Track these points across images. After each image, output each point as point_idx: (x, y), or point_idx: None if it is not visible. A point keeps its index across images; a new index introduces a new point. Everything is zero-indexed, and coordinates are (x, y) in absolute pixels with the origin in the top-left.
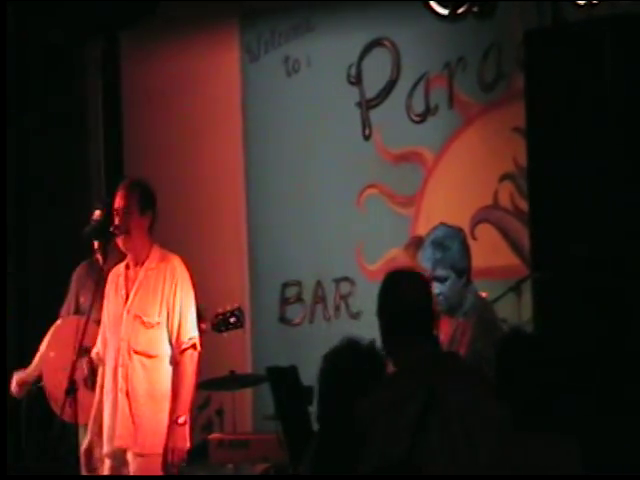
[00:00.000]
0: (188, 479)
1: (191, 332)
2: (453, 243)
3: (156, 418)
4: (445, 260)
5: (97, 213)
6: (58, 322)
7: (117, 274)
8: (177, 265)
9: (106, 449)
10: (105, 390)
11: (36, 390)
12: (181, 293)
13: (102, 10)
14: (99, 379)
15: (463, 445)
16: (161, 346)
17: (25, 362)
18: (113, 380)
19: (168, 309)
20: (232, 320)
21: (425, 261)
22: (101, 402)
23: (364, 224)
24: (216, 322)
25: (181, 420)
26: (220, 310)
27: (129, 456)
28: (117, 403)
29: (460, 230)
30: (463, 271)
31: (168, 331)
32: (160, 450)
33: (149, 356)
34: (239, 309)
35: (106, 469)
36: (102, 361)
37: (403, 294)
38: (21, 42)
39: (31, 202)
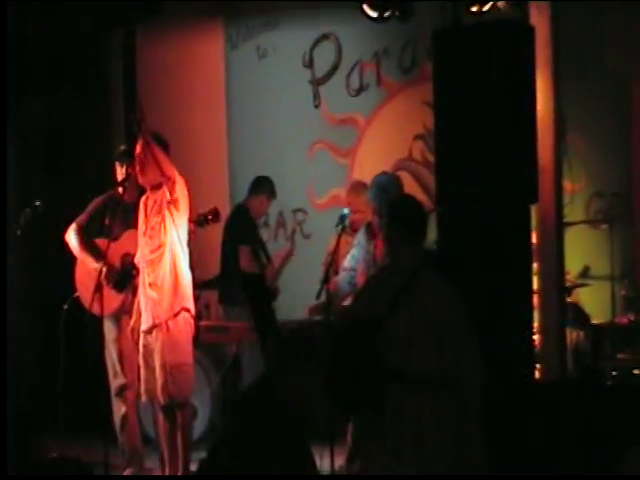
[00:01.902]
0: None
1: (177, 237)
2: (393, 187)
3: (170, 304)
4: (387, 200)
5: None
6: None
7: (143, 201)
8: (179, 181)
9: (143, 327)
10: (139, 288)
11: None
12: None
13: (124, 7)
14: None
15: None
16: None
17: None
18: (143, 280)
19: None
20: (210, 217)
21: (372, 200)
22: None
23: (314, 170)
24: (198, 219)
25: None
26: (201, 211)
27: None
28: (145, 295)
29: (398, 177)
30: None
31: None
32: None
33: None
34: (215, 208)
35: (141, 342)
36: (103, 273)
37: (408, 211)
38: (55, 29)
39: (64, 150)
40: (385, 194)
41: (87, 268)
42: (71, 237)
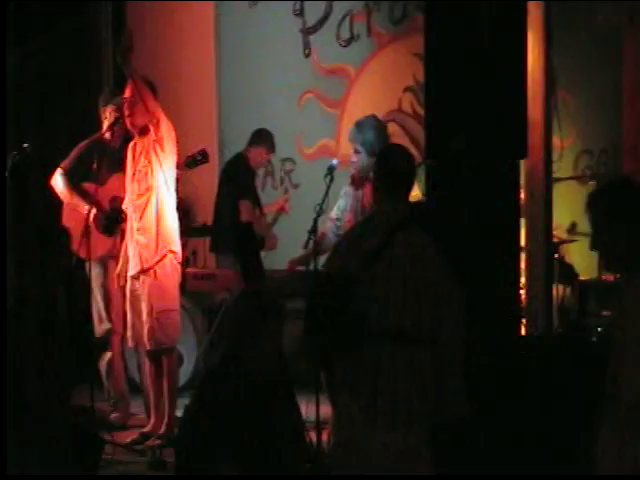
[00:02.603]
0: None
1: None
2: (368, 129)
3: (156, 248)
4: (361, 140)
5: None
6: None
7: (131, 146)
8: (165, 124)
9: (131, 272)
10: (126, 233)
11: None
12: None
13: None
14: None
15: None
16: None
17: None
18: (130, 225)
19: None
20: (199, 158)
21: (349, 138)
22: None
23: (303, 120)
24: (187, 161)
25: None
26: (189, 154)
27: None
28: (134, 239)
29: (379, 120)
30: (374, 152)
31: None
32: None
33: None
34: (204, 150)
35: (128, 288)
36: (93, 216)
37: (393, 161)
38: None
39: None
40: (360, 134)
41: (74, 213)
42: (57, 181)
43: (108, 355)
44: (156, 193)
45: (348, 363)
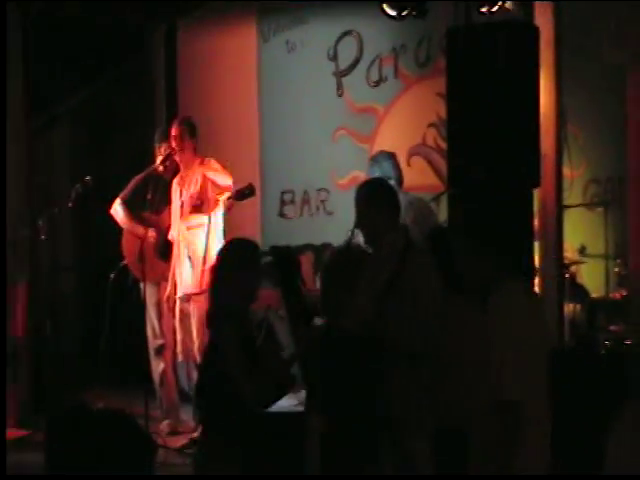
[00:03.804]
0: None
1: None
2: (384, 160)
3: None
4: (379, 171)
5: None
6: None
7: (175, 184)
8: (212, 163)
9: (179, 294)
10: (174, 255)
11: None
12: (214, 175)
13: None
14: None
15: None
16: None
17: None
18: (178, 249)
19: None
20: (247, 192)
21: (368, 172)
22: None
23: (336, 153)
24: (237, 195)
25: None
26: (238, 188)
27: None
28: (182, 263)
29: (391, 154)
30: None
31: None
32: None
33: (200, 225)
34: (251, 184)
35: (177, 307)
36: (154, 238)
37: (385, 193)
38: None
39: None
40: (377, 166)
41: (133, 239)
42: (117, 210)
43: (161, 367)
44: (205, 222)
45: None
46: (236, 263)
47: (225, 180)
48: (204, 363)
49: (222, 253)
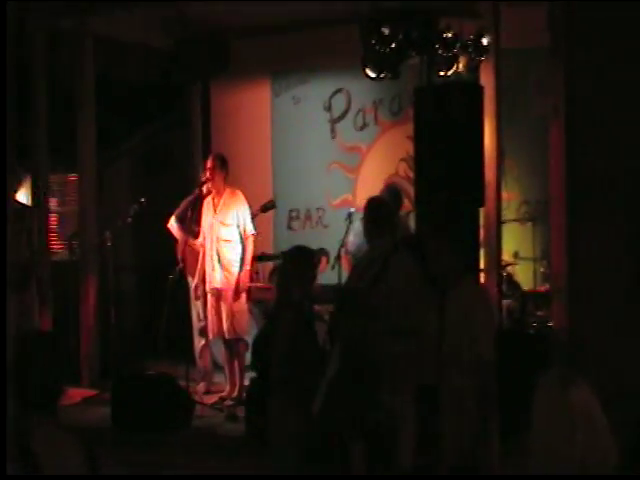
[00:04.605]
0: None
1: (250, 230)
2: (388, 191)
3: (234, 271)
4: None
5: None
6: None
7: (208, 202)
8: (239, 195)
9: (208, 288)
10: (206, 259)
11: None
12: (243, 209)
13: (203, 66)
14: (201, 255)
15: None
16: (234, 236)
17: None
18: (210, 254)
19: (237, 218)
20: (269, 206)
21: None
22: (203, 264)
23: (331, 181)
24: (262, 208)
25: (247, 267)
26: (263, 202)
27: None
28: (214, 265)
29: (395, 186)
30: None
31: (239, 229)
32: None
33: (227, 241)
34: (272, 200)
35: (208, 300)
36: (203, 246)
37: (377, 209)
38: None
39: (164, 162)
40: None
41: (185, 246)
42: (172, 225)
43: (202, 343)
44: (233, 239)
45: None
46: (297, 265)
47: (250, 230)
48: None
49: (287, 257)
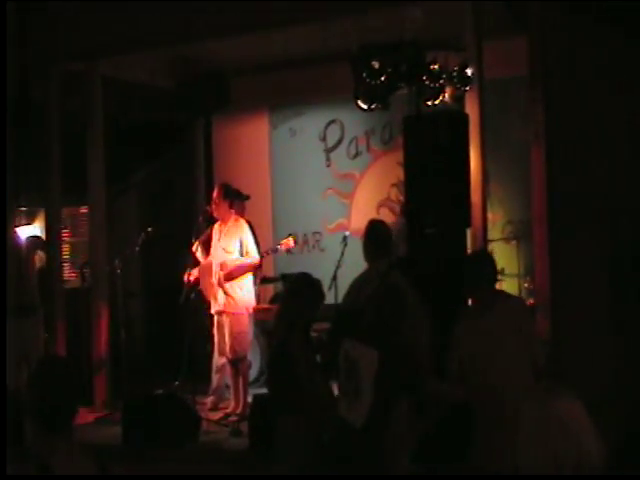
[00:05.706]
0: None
1: (254, 257)
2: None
3: (235, 296)
4: None
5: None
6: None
7: (216, 229)
8: (243, 223)
9: (212, 310)
10: (213, 282)
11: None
12: (246, 236)
13: (205, 103)
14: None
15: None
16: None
17: None
18: (216, 276)
19: (241, 244)
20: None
21: None
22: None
23: (326, 206)
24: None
25: (246, 261)
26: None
27: (224, 315)
28: (217, 289)
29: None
30: None
31: (242, 254)
32: (243, 310)
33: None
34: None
35: (215, 322)
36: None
37: (377, 231)
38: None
39: (169, 194)
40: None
41: (201, 270)
42: (197, 249)
43: (222, 361)
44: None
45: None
46: (302, 291)
47: (254, 260)
48: (276, 363)
49: (293, 283)
